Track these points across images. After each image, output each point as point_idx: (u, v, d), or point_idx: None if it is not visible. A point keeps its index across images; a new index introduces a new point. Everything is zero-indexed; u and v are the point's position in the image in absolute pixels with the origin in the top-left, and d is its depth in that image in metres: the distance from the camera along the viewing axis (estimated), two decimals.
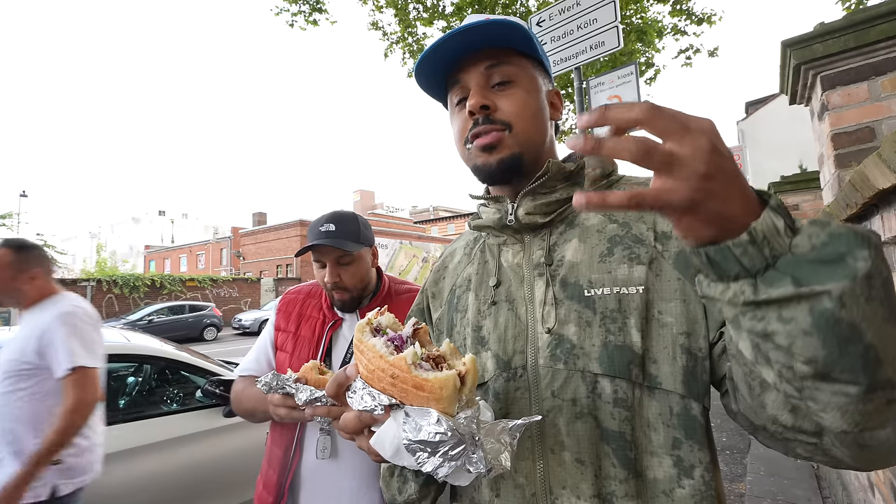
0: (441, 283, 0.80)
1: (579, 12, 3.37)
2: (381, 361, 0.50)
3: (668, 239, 0.60)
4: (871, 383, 0.34)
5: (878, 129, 1.61)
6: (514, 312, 0.64)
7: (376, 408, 0.50)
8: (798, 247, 0.34)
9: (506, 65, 0.64)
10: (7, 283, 1.57)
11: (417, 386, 0.47)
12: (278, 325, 1.31)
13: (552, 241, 0.66)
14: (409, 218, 43.25)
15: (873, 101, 1.62)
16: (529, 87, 0.65)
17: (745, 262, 0.35)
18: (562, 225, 0.66)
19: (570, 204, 0.65)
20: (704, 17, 6.11)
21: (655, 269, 0.59)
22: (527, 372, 0.60)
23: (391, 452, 0.50)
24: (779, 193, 4.21)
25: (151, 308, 14.68)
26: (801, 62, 1.76)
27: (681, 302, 0.56)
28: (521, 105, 0.64)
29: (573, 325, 0.59)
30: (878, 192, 1.11)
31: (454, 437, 0.46)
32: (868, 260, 0.32)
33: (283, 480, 1.16)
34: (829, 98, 1.71)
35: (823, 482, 2.91)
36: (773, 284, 0.34)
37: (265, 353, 1.31)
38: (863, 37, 1.59)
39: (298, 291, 1.38)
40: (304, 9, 6.13)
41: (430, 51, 0.63)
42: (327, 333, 1.24)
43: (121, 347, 2.37)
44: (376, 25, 6.47)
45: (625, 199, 0.35)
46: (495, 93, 0.64)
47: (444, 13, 6.06)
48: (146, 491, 2.11)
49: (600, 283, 0.59)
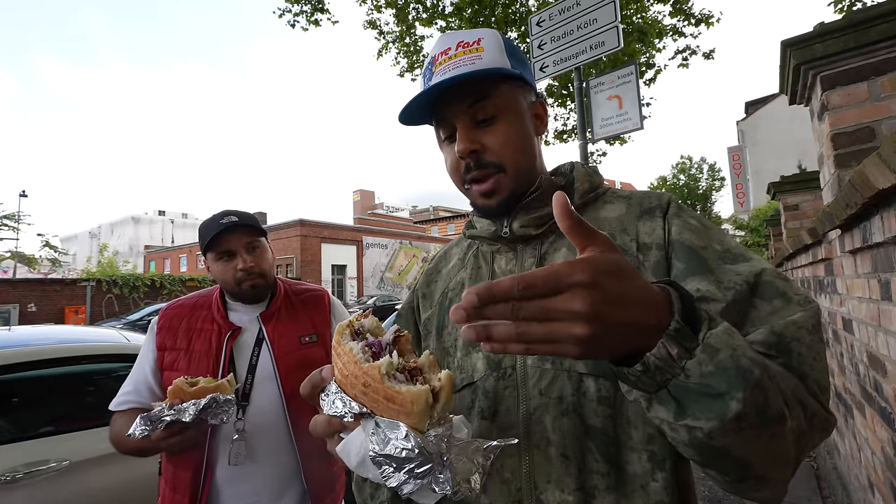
0: (433, 285, 0.81)
1: (579, 12, 3.36)
2: (355, 367, 0.48)
3: (648, 250, 0.63)
4: (741, 477, 0.45)
5: (877, 129, 1.60)
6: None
7: (346, 414, 0.48)
8: (689, 372, 0.38)
9: (488, 98, 0.64)
10: None
11: (389, 398, 0.45)
12: (162, 345, 1.20)
13: (543, 251, 0.68)
14: (409, 218, 43.24)
15: (873, 102, 1.61)
16: (514, 116, 0.66)
17: (640, 385, 0.40)
18: (552, 235, 0.69)
19: None
20: (703, 18, 6.11)
21: None
22: (515, 371, 0.63)
23: (356, 462, 0.48)
24: (779, 193, 4.21)
25: (151, 308, 14.67)
26: (800, 62, 1.75)
27: None
28: (508, 141, 0.65)
29: None
30: (878, 192, 1.11)
31: (421, 455, 0.44)
32: (741, 402, 0.38)
33: (198, 498, 1.11)
34: (829, 98, 1.70)
35: (823, 482, 2.91)
36: (661, 404, 0.40)
37: (145, 381, 1.19)
38: (863, 37, 1.59)
39: (182, 305, 1.27)
40: (306, 9, 6.13)
41: (415, 101, 0.64)
42: (227, 344, 1.19)
43: (121, 347, 2.37)
44: (373, 24, 6.46)
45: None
46: (482, 130, 0.65)
47: (443, 13, 6.06)
48: (148, 490, 2.11)
49: None
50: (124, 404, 1.19)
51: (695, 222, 0.64)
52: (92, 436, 2.02)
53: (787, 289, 0.55)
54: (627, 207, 0.69)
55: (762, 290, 0.55)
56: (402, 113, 0.67)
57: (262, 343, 1.23)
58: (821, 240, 2.21)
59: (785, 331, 0.51)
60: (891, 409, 1.41)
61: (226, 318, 1.24)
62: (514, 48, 0.69)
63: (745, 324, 0.54)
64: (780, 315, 0.53)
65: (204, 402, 0.95)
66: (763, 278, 0.56)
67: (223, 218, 1.21)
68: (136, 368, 1.22)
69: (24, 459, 1.80)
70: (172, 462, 1.16)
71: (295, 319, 1.30)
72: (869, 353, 1.61)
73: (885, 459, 1.54)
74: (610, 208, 0.70)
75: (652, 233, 0.64)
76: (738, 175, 20.73)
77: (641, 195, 0.71)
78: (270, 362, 1.21)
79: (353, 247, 26.57)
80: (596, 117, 3.71)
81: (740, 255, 0.60)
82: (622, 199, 0.71)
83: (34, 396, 2.10)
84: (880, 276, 1.38)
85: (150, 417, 0.94)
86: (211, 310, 1.26)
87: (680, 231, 0.63)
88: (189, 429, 0.98)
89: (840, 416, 2.32)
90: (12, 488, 1.73)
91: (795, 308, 0.53)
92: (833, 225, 1.65)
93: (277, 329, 1.26)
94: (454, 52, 0.64)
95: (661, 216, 0.65)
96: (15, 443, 1.87)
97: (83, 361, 2.22)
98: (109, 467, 1.97)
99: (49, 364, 2.10)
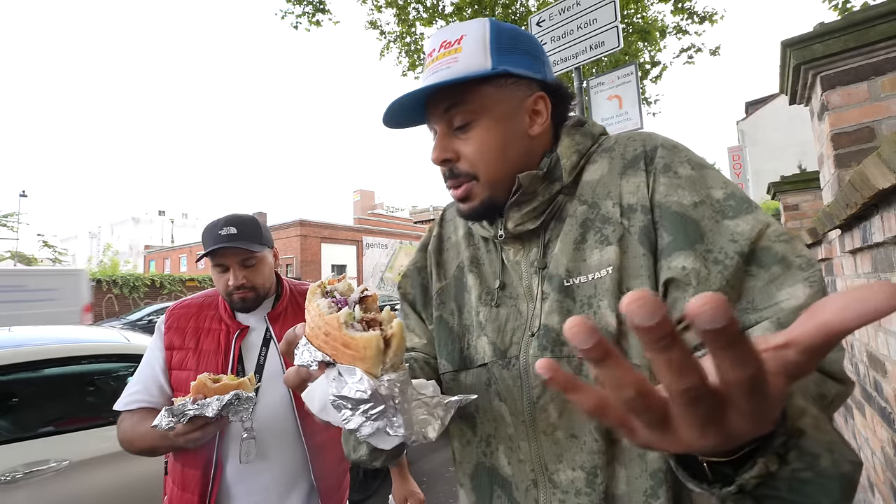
0: (445, 253, 0.79)
1: (579, 12, 3.36)
2: (319, 319, 0.51)
3: (633, 212, 0.59)
4: None
5: (877, 129, 1.60)
6: (516, 308, 0.66)
7: (312, 363, 0.52)
8: (779, 481, 0.33)
9: (463, 105, 0.62)
10: None
11: (345, 344, 0.49)
12: (170, 344, 1.20)
13: (546, 239, 0.67)
14: (409, 218, 43.23)
15: (873, 101, 1.61)
16: (493, 120, 0.63)
17: (723, 496, 0.34)
18: (552, 221, 0.67)
19: (557, 200, 0.66)
20: (706, 16, 6.12)
21: (623, 245, 0.59)
22: (519, 362, 0.63)
23: (318, 407, 0.52)
24: (779, 193, 4.20)
25: (151, 308, 14.65)
26: (801, 62, 1.75)
27: (647, 279, 0.57)
28: (482, 149, 0.63)
29: (556, 314, 0.61)
30: (878, 192, 1.11)
31: (374, 398, 0.48)
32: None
33: (207, 496, 1.12)
34: (829, 98, 1.70)
35: None
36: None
37: (154, 380, 1.18)
38: (863, 37, 1.59)
39: (189, 305, 1.28)
40: (308, 10, 6.13)
41: (395, 104, 0.63)
42: (235, 343, 1.20)
43: (121, 348, 2.38)
44: (374, 25, 6.47)
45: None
46: (458, 138, 0.64)
47: (443, 13, 6.07)
48: (151, 490, 2.11)
49: (577, 271, 0.61)
50: (133, 403, 1.17)
51: (688, 170, 0.58)
52: (92, 436, 2.02)
53: (787, 252, 0.51)
54: (610, 162, 0.64)
55: (759, 256, 0.52)
56: (386, 117, 0.66)
57: (269, 342, 1.24)
58: (821, 240, 2.21)
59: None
60: (891, 409, 1.41)
61: (233, 318, 1.24)
62: (508, 37, 0.63)
63: (743, 295, 0.51)
64: (778, 283, 0.50)
65: (227, 398, 0.95)
66: (760, 244, 0.52)
67: (223, 228, 1.19)
68: (144, 368, 1.21)
69: (24, 459, 1.81)
70: (181, 461, 1.16)
71: (301, 319, 1.29)
72: (869, 353, 1.61)
73: (884, 459, 1.54)
74: (593, 169, 0.65)
75: (636, 191, 0.60)
76: (738, 175, 20.72)
77: (626, 141, 0.65)
78: (279, 361, 1.22)
79: (353, 247, 26.58)
80: (596, 117, 3.71)
81: (743, 205, 0.54)
82: (606, 152, 0.66)
83: (34, 396, 2.10)
84: (880, 276, 1.38)
85: (173, 411, 0.95)
86: (218, 309, 1.26)
87: (667, 191, 0.58)
88: (210, 424, 0.98)
89: (840, 416, 2.32)
90: (12, 488, 1.73)
91: (797, 274, 0.50)
92: (833, 225, 1.65)
93: (285, 329, 1.26)
94: (437, 54, 0.63)
95: (643, 168, 0.61)
96: (15, 443, 1.87)
97: (83, 361, 2.23)
98: (109, 467, 1.98)
99: (49, 364, 2.10)
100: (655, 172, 0.60)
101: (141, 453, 1.13)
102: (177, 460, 1.18)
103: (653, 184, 0.59)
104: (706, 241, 0.54)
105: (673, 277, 0.55)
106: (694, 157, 0.60)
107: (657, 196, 0.58)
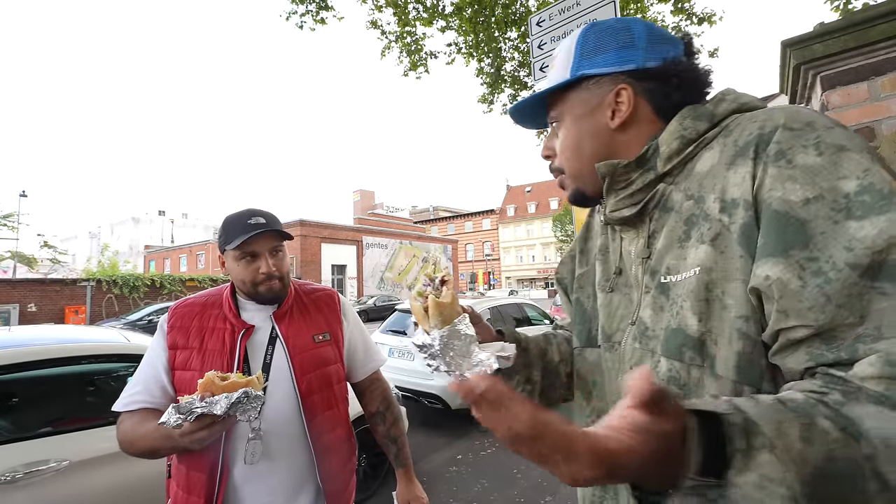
0: (590, 241, 0.85)
1: (579, 12, 3.37)
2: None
3: (735, 208, 0.52)
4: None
5: (877, 129, 1.61)
6: (628, 297, 0.70)
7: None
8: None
9: (553, 110, 0.73)
10: None
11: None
12: (174, 344, 1.18)
13: (652, 229, 0.66)
14: (409, 218, 43.26)
15: (873, 101, 1.62)
16: (570, 122, 0.71)
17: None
18: (656, 211, 0.65)
19: (657, 189, 0.64)
20: (705, 17, 6.12)
21: (720, 245, 0.54)
22: (621, 347, 0.68)
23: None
24: None
25: (151, 308, 14.68)
26: (800, 62, 1.75)
27: (741, 283, 0.51)
28: (562, 147, 0.72)
29: (650, 309, 0.63)
30: None
31: (422, 347, 0.72)
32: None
33: (213, 499, 1.09)
34: (829, 98, 1.71)
35: None
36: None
37: (156, 380, 1.16)
38: (863, 37, 1.59)
39: (192, 304, 1.25)
40: (311, 8, 6.11)
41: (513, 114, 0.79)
42: (240, 342, 1.18)
43: (121, 348, 2.37)
44: (375, 24, 6.47)
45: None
46: (555, 137, 0.74)
47: (443, 13, 6.06)
48: (152, 490, 2.11)
49: (675, 269, 0.60)
50: (134, 404, 1.14)
51: (811, 156, 0.47)
52: (92, 436, 2.02)
53: None
54: (722, 150, 0.57)
55: (891, 271, 0.40)
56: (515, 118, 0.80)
57: (275, 342, 1.22)
58: None
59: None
60: None
61: (238, 317, 1.22)
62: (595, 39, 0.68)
63: (869, 318, 0.41)
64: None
65: (236, 396, 0.93)
66: (891, 255, 0.40)
67: (251, 218, 1.20)
68: (146, 368, 1.18)
69: (24, 459, 1.80)
70: (185, 463, 1.14)
71: (307, 318, 1.30)
72: None
73: None
74: (706, 157, 0.59)
75: (741, 183, 0.52)
76: None
77: (746, 122, 0.56)
78: (285, 361, 1.20)
79: (353, 247, 26.59)
80: None
81: (879, 201, 0.42)
82: (723, 137, 0.58)
83: (34, 396, 2.10)
84: None
85: (180, 408, 0.91)
86: (222, 308, 1.24)
87: (773, 184, 0.49)
88: (216, 424, 0.95)
89: None
90: (12, 488, 1.73)
91: None
92: None
93: (291, 328, 1.25)
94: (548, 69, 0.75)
95: (751, 157, 0.52)
96: (15, 443, 1.86)
97: (83, 361, 2.22)
98: (109, 467, 1.97)
99: (49, 364, 2.10)
100: (766, 161, 0.50)
101: (142, 455, 1.10)
102: (181, 463, 1.15)
103: (760, 174, 0.51)
104: (811, 246, 0.44)
105: (755, 287, 0.49)
106: (830, 138, 0.48)
107: (763, 191, 0.50)
